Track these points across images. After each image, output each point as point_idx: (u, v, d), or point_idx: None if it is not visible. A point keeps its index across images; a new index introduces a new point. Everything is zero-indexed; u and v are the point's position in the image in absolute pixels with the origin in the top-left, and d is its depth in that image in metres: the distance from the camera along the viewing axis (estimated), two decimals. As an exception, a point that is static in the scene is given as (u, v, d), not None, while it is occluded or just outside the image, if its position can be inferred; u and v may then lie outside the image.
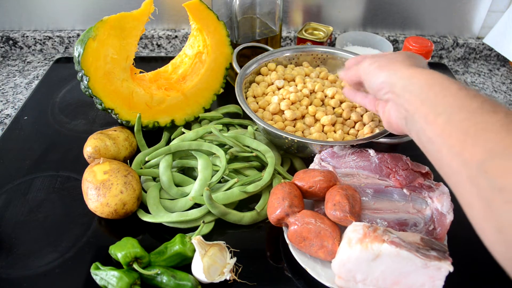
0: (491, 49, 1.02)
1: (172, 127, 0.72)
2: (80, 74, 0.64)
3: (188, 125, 0.74)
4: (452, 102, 0.36)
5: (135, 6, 0.69)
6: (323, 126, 0.66)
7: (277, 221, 0.51)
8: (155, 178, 0.64)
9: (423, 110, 0.38)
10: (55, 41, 1.00)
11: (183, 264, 0.52)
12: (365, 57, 0.50)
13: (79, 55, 0.63)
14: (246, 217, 0.58)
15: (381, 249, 0.42)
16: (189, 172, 0.65)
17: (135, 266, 0.49)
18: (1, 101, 0.85)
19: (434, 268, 0.41)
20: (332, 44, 0.94)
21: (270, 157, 0.62)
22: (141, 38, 0.99)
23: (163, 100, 0.70)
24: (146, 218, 0.57)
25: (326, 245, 0.47)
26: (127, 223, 0.58)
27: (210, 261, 0.49)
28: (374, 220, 0.51)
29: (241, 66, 0.73)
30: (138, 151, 0.69)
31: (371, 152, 0.58)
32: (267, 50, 0.78)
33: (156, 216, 0.57)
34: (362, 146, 0.60)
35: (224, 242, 0.52)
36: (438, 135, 0.35)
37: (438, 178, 0.58)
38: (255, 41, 0.81)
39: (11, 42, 1.00)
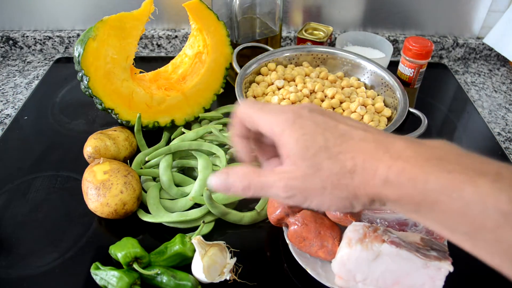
0: (491, 49, 1.02)
1: (172, 127, 0.72)
2: (80, 74, 0.64)
3: (188, 125, 0.74)
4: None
5: (135, 6, 0.69)
6: (323, 126, 0.66)
7: (277, 221, 0.51)
8: (155, 178, 0.64)
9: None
10: (55, 41, 1.00)
11: (183, 264, 0.52)
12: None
13: (79, 55, 0.63)
14: (246, 217, 0.58)
15: (381, 249, 0.42)
16: (189, 172, 0.65)
17: (135, 266, 0.49)
18: (1, 101, 0.85)
19: (434, 268, 0.41)
20: (332, 44, 0.94)
21: (270, 157, 0.62)
22: (141, 38, 0.99)
23: (163, 100, 0.70)
24: (146, 218, 0.57)
25: (326, 245, 0.47)
26: (127, 223, 0.58)
27: (210, 261, 0.49)
28: (374, 220, 0.51)
29: (241, 66, 0.73)
30: (138, 151, 0.69)
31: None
32: (267, 50, 0.78)
33: (156, 216, 0.57)
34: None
35: (224, 242, 0.52)
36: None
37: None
38: (255, 41, 0.81)
39: (11, 42, 1.00)
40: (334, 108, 0.69)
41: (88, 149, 0.62)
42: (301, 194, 0.31)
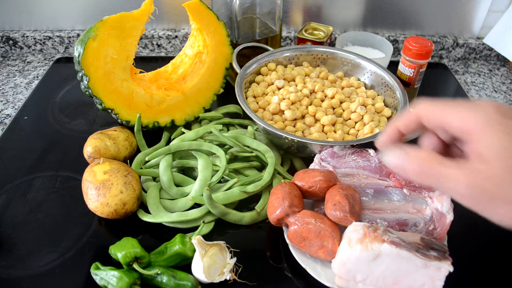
0: (491, 49, 1.02)
1: (172, 127, 0.72)
2: (80, 74, 0.64)
3: (188, 125, 0.74)
4: None
5: (135, 6, 0.69)
6: (323, 126, 0.66)
7: (277, 221, 0.51)
8: (155, 178, 0.64)
9: None
10: (55, 41, 1.00)
11: (183, 264, 0.52)
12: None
13: (79, 55, 0.63)
14: (246, 217, 0.58)
15: (381, 249, 0.42)
16: (189, 172, 0.65)
17: (135, 266, 0.49)
18: (1, 101, 0.85)
19: (434, 268, 0.41)
20: (332, 44, 0.94)
21: (270, 157, 0.62)
22: (141, 38, 0.99)
23: (163, 100, 0.70)
24: (146, 218, 0.57)
25: (326, 245, 0.47)
26: (127, 223, 0.58)
27: (210, 261, 0.49)
28: (374, 220, 0.51)
29: (241, 66, 0.73)
30: (138, 151, 0.69)
31: (371, 152, 0.58)
32: (267, 50, 0.78)
33: (156, 216, 0.57)
34: (362, 146, 0.60)
35: (224, 242, 0.52)
36: None
37: (438, 178, 0.58)
38: (255, 41, 0.81)
39: (11, 42, 1.00)
40: (334, 108, 0.69)
41: (88, 149, 0.62)
42: (486, 198, 0.28)
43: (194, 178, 0.62)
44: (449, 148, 0.35)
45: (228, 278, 0.49)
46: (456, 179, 0.29)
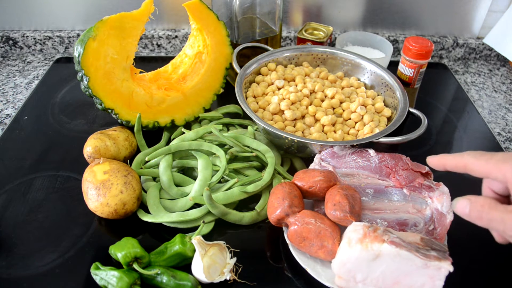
0: (491, 49, 1.02)
1: (172, 127, 0.72)
2: (80, 74, 0.64)
3: (188, 125, 0.74)
4: None
5: (135, 6, 0.69)
6: (323, 126, 0.66)
7: (277, 221, 0.51)
8: (155, 178, 0.64)
9: None
10: (55, 41, 1.00)
11: (183, 264, 0.52)
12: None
13: (79, 55, 0.63)
14: (246, 217, 0.58)
15: (381, 249, 0.42)
16: (189, 172, 0.65)
17: (135, 266, 0.49)
18: (1, 101, 0.85)
19: (434, 268, 0.41)
20: (332, 44, 0.94)
21: (270, 157, 0.62)
22: (141, 38, 0.99)
23: (163, 100, 0.70)
24: (146, 218, 0.57)
25: (326, 245, 0.47)
26: (127, 223, 0.58)
27: (210, 261, 0.49)
28: (374, 220, 0.51)
29: (241, 66, 0.73)
30: (138, 151, 0.69)
31: (371, 152, 0.58)
32: (267, 50, 0.78)
33: (156, 216, 0.57)
34: (362, 146, 0.60)
35: (224, 242, 0.52)
36: None
37: (438, 178, 0.58)
38: (255, 41, 0.81)
39: (11, 42, 1.00)
40: (334, 108, 0.69)
41: (88, 149, 0.62)
42: None
43: (194, 178, 0.62)
44: None
45: (228, 278, 0.49)
46: (508, 222, 0.33)
